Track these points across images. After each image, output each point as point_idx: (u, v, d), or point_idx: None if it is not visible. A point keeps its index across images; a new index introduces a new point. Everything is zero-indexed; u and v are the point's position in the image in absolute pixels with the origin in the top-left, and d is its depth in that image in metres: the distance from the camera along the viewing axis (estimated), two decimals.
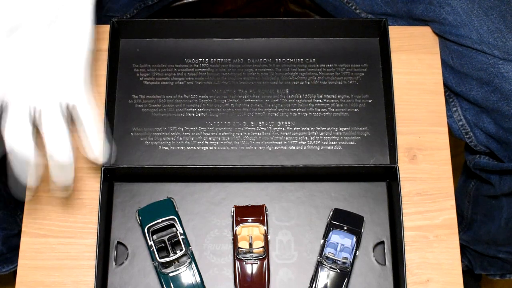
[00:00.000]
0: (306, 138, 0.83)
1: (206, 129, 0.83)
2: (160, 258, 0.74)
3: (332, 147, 0.83)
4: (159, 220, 0.76)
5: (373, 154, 0.82)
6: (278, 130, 0.83)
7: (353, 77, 0.86)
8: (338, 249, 0.75)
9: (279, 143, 0.83)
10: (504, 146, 0.86)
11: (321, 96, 0.85)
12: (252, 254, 0.75)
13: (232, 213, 0.78)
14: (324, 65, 0.86)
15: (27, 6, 0.64)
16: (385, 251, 0.78)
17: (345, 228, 0.77)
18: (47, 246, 0.78)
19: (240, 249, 0.75)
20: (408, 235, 0.78)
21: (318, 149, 0.83)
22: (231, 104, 0.85)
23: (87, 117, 0.65)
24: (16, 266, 0.81)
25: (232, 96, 0.85)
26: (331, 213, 0.78)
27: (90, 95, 0.66)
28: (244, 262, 0.75)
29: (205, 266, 0.78)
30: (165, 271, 0.75)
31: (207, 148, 0.83)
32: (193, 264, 0.75)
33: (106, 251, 0.77)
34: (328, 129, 0.84)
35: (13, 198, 1.04)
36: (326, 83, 0.86)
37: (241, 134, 0.83)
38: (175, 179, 0.81)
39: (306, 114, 0.84)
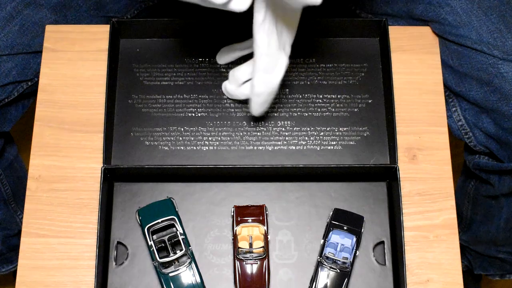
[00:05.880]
0: (306, 138, 0.83)
1: (206, 129, 0.83)
2: (160, 258, 0.74)
3: (332, 147, 0.83)
4: (159, 220, 0.76)
5: (373, 154, 0.82)
6: (278, 130, 0.83)
7: (353, 77, 0.86)
8: (338, 249, 0.75)
9: (279, 143, 0.83)
10: (504, 146, 0.86)
11: (321, 96, 0.85)
12: (252, 254, 0.75)
13: (232, 213, 0.78)
14: (324, 65, 0.86)
15: None
16: (385, 251, 0.78)
17: (345, 228, 0.77)
18: (47, 246, 0.78)
19: (240, 249, 0.75)
20: (408, 235, 0.78)
21: (318, 149, 0.83)
22: (231, 104, 0.85)
23: None
24: (16, 266, 0.81)
25: None
26: (331, 213, 0.78)
27: None
28: (244, 262, 0.75)
29: (205, 266, 0.78)
30: (165, 271, 0.75)
31: (207, 148, 0.83)
32: (193, 264, 0.75)
33: (106, 251, 0.77)
34: (328, 129, 0.83)
35: (13, 198, 1.04)
36: (326, 83, 0.86)
37: (241, 134, 0.83)
38: (175, 179, 0.81)
39: (306, 114, 0.84)
